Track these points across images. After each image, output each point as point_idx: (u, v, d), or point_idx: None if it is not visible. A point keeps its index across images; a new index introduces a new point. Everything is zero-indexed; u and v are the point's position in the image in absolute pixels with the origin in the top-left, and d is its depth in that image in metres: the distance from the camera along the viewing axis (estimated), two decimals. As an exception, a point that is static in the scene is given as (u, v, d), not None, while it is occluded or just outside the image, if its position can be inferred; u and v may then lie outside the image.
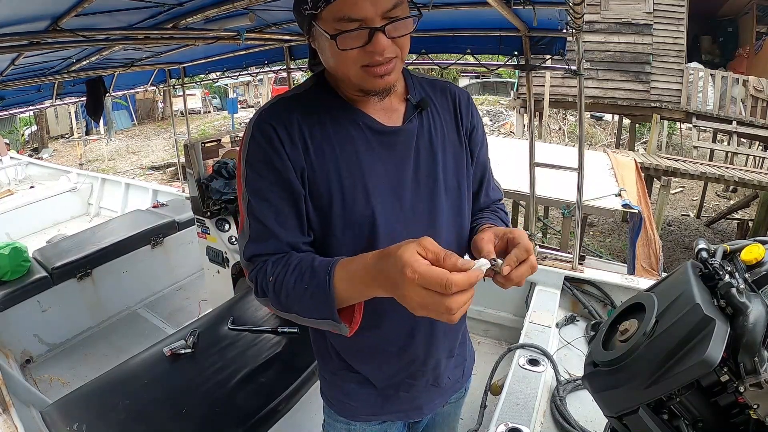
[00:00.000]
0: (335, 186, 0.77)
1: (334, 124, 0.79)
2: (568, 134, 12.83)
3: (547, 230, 7.30)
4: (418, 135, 0.83)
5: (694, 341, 0.64)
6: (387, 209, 0.80)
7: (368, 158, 0.79)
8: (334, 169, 0.78)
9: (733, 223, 8.40)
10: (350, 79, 0.74)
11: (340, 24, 0.67)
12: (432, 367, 0.93)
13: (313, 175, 0.77)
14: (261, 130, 0.76)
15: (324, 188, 0.78)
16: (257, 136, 0.76)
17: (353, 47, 0.68)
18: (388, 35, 0.68)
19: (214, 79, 11.39)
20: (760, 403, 0.61)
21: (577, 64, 2.16)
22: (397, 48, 0.71)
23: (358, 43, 0.68)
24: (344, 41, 0.67)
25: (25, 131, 14.99)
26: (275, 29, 2.69)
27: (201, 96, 17.99)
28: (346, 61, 0.71)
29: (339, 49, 0.68)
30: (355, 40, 0.68)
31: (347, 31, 0.67)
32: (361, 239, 0.80)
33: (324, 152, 0.77)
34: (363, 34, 0.67)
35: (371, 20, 0.67)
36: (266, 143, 0.75)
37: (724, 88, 7.58)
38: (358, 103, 0.81)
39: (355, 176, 0.78)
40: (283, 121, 0.76)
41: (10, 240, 3.58)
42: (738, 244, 0.77)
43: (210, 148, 2.93)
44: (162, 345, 1.97)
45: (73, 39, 1.79)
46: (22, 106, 4.04)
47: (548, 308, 2.24)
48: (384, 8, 0.66)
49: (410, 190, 0.82)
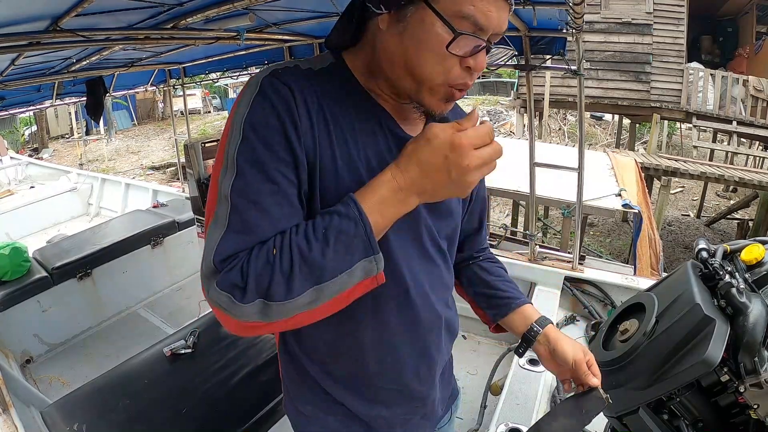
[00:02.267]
0: (354, 187, 0.62)
1: (359, 114, 0.66)
2: (568, 134, 12.82)
3: (547, 230, 7.30)
4: None
5: (694, 341, 0.64)
6: (398, 237, 0.70)
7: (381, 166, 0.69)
8: (355, 168, 0.64)
9: (733, 223, 8.40)
10: (420, 87, 0.62)
11: (459, 22, 0.56)
12: (431, 401, 0.88)
13: (331, 165, 0.63)
14: (275, 88, 0.60)
15: (341, 186, 0.63)
16: (269, 94, 0.60)
17: (458, 54, 0.58)
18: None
19: (214, 79, 11.40)
20: (760, 403, 0.61)
21: (577, 64, 2.16)
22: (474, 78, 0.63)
23: (464, 51, 0.58)
24: (463, 44, 0.57)
25: (25, 131, 14.99)
26: (275, 29, 2.69)
27: (201, 96, 17.99)
28: (437, 67, 0.59)
29: (447, 49, 0.57)
30: (467, 47, 0.58)
31: (471, 35, 0.57)
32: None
33: (347, 143, 0.64)
34: (471, 44, 0.58)
35: (486, 33, 0.58)
36: (282, 105, 0.59)
37: (724, 88, 7.58)
38: (380, 100, 0.69)
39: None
40: (302, 88, 0.62)
41: (10, 240, 3.57)
42: (738, 244, 0.77)
43: (210, 148, 2.93)
44: (162, 345, 1.96)
45: (73, 39, 1.79)
46: (22, 106, 4.04)
47: (548, 308, 2.24)
48: (501, 28, 0.59)
49: (425, 216, 0.74)
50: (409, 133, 0.70)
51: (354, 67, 0.69)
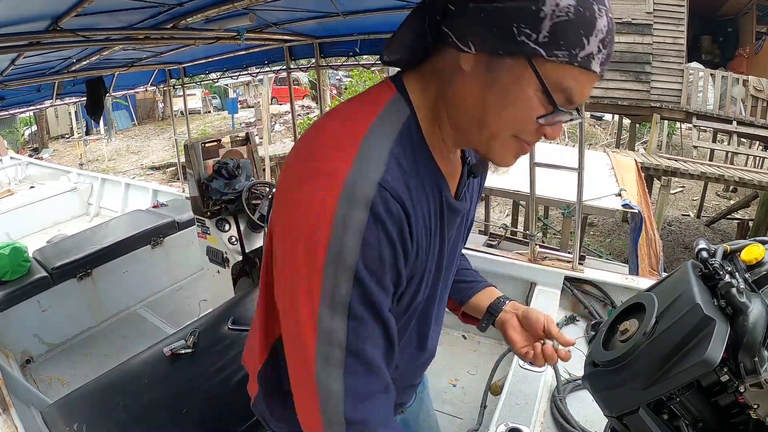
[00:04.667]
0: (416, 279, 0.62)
1: (429, 194, 0.60)
2: (568, 134, 12.82)
3: (547, 230, 7.31)
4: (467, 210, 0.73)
5: (694, 341, 0.64)
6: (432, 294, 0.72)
7: (444, 242, 0.67)
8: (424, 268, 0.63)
9: (733, 223, 8.41)
10: (489, 141, 0.57)
11: (557, 93, 0.52)
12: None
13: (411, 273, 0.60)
14: (388, 208, 0.50)
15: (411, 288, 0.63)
16: (383, 218, 0.50)
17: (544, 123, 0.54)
18: None
19: (214, 79, 11.41)
20: (760, 403, 0.61)
21: (577, 64, 2.16)
22: None
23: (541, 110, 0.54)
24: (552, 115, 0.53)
25: (25, 131, 15.00)
26: (275, 29, 2.69)
27: (201, 96, 18.01)
28: (514, 125, 0.55)
29: (540, 117, 0.53)
30: (553, 118, 0.54)
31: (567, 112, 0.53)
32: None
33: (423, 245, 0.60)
34: (559, 117, 0.54)
35: (573, 107, 0.55)
36: (395, 231, 0.52)
37: (724, 88, 7.58)
38: (437, 154, 0.62)
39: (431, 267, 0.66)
40: (408, 192, 0.54)
41: (10, 240, 3.57)
42: (738, 244, 0.77)
43: (210, 148, 2.93)
44: (162, 345, 1.96)
45: (73, 39, 1.80)
46: (22, 106, 4.05)
47: (548, 308, 2.23)
48: (581, 102, 0.57)
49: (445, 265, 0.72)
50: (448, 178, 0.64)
51: (418, 106, 0.59)
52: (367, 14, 2.32)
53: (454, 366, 2.50)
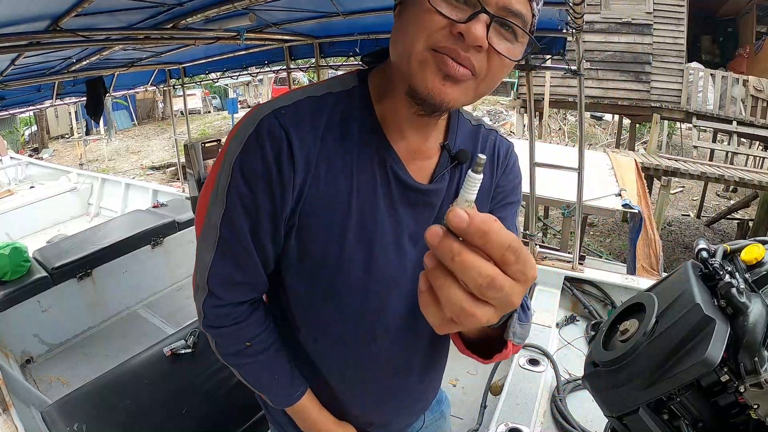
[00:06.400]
0: (335, 239, 0.64)
1: (360, 156, 0.63)
2: (568, 134, 12.82)
3: (547, 230, 7.30)
4: (445, 197, 0.69)
5: (694, 341, 0.64)
6: (379, 273, 0.68)
7: (384, 216, 0.66)
8: (341, 219, 0.63)
9: (733, 223, 8.40)
10: (409, 60, 0.54)
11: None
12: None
13: (313, 214, 0.62)
14: (271, 132, 0.59)
15: (319, 223, 0.63)
16: (263, 138, 0.59)
17: (443, 13, 0.51)
18: (489, 36, 0.52)
19: (214, 79, 11.41)
20: (760, 403, 0.61)
21: (577, 64, 2.16)
22: (485, 63, 0.54)
23: (451, 13, 0.51)
24: (444, 3, 0.51)
25: (25, 131, 14.99)
26: (275, 29, 2.69)
27: (201, 96, 17.99)
28: (419, 30, 0.53)
29: (427, 4, 0.51)
30: (455, 10, 0.51)
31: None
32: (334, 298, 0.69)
33: (337, 182, 0.62)
34: (468, 10, 0.51)
35: (487, 3, 0.51)
36: (272, 152, 0.59)
37: (724, 88, 7.58)
38: (392, 131, 0.64)
39: (364, 237, 0.65)
40: (302, 131, 0.60)
41: (10, 240, 3.58)
42: (738, 244, 0.77)
43: (210, 148, 2.93)
44: (162, 345, 1.96)
45: (73, 39, 1.80)
46: (22, 106, 4.05)
47: (548, 308, 2.24)
48: (508, 3, 0.52)
49: (416, 255, 0.69)
50: (414, 174, 0.66)
51: (373, 86, 0.65)
52: (367, 14, 2.32)
53: (454, 366, 2.50)
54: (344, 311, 0.69)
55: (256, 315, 0.72)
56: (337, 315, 0.70)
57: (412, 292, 0.70)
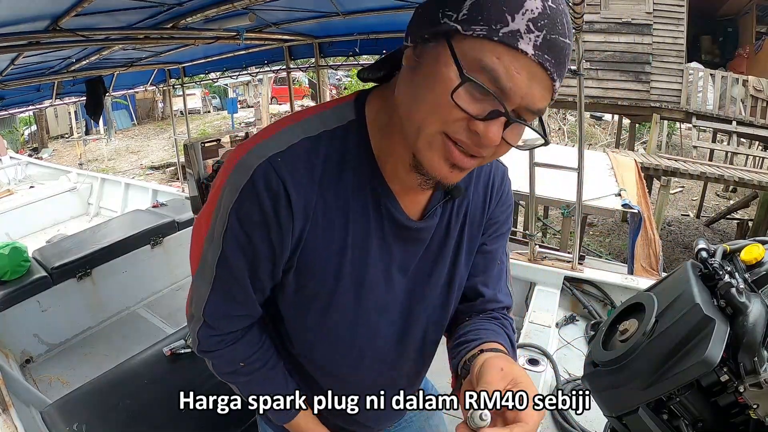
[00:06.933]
0: (330, 276, 0.65)
1: (356, 199, 0.62)
2: (568, 134, 12.83)
3: (547, 230, 7.31)
4: (435, 229, 0.69)
5: (693, 341, 0.64)
6: (369, 303, 0.69)
7: (376, 253, 0.66)
8: (337, 259, 0.64)
9: (732, 223, 8.41)
10: (418, 136, 0.53)
11: (478, 73, 0.47)
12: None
13: (311, 256, 0.63)
14: (267, 183, 0.56)
15: (317, 278, 0.65)
16: (260, 189, 0.56)
17: (464, 108, 0.48)
18: (504, 134, 0.51)
19: (213, 79, 11.41)
20: (759, 403, 0.61)
21: (577, 64, 2.16)
22: (494, 153, 0.54)
23: (473, 109, 0.48)
24: (466, 95, 0.48)
25: (25, 131, 14.99)
26: (275, 29, 2.69)
27: (201, 96, 18.00)
28: (434, 112, 0.50)
29: (450, 96, 0.47)
30: (475, 103, 0.48)
31: (482, 86, 0.47)
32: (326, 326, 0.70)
33: (333, 234, 0.62)
34: (488, 107, 0.48)
35: (510, 101, 0.48)
36: (270, 205, 0.57)
37: (724, 88, 7.58)
38: (389, 168, 0.62)
39: (356, 273, 0.65)
40: (299, 178, 0.58)
41: (9, 240, 3.57)
42: (738, 244, 0.77)
43: (210, 148, 2.93)
44: (162, 345, 1.96)
45: (72, 39, 1.80)
46: (21, 105, 4.05)
47: (548, 308, 2.24)
48: (533, 103, 0.49)
49: (403, 284, 0.70)
50: (407, 209, 0.65)
51: (373, 122, 0.61)
52: (367, 14, 2.32)
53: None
54: (335, 339, 0.72)
55: (249, 335, 0.73)
56: (327, 341, 0.72)
57: (399, 317, 0.73)
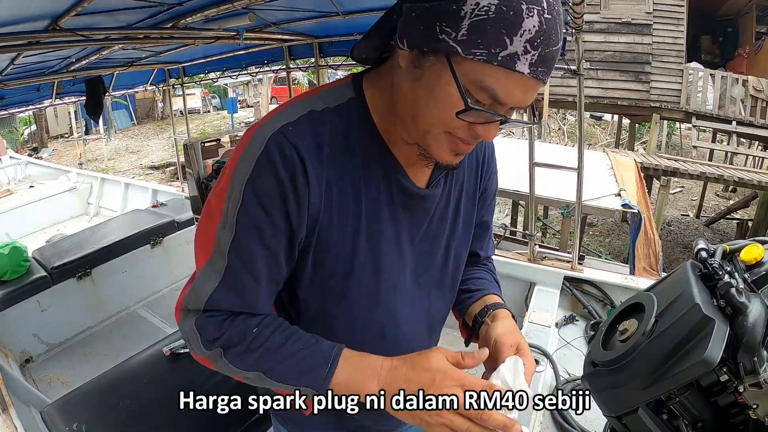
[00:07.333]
0: (347, 252, 0.65)
1: (366, 170, 0.64)
2: (567, 134, 12.83)
3: (547, 230, 7.31)
4: (439, 198, 0.73)
5: (693, 341, 0.64)
6: (385, 276, 0.70)
7: (387, 224, 0.67)
8: (352, 234, 0.65)
9: (732, 223, 8.41)
10: (424, 136, 0.59)
11: (477, 92, 0.52)
12: None
13: (328, 234, 0.63)
14: (282, 151, 0.57)
15: (334, 257, 0.65)
16: (275, 158, 0.57)
17: (471, 122, 0.55)
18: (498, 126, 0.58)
19: (213, 79, 11.41)
20: (759, 403, 0.61)
21: (576, 64, 2.17)
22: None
23: (475, 121, 0.55)
24: (476, 114, 0.53)
25: (25, 131, 14.99)
26: (275, 29, 2.69)
27: (201, 96, 17.99)
28: (441, 119, 0.55)
29: (457, 114, 0.53)
30: (479, 117, 0.54)
31: (485, 110, 0.53)
32: (346, 304, 0.70)
33: (348, 208, 0.63)
34: (487, 116, 0.55)
35: (505, 108, 0.54)
36: (286, 172, 0.57)
37: (724, 88, 7.58)
38: (393, 140, 0.65)
39: (371, 246, 0.67)
40: (311, 147, 0.59)
41: (9, 240, 3.57)
42: (737, 244, 0.77)
43: (210, 148, 2.93)
44: (162, 345, 1.96)
45: (72, 39, 1.80)
46: (21, 105, 4.05)
47: (548, 308, 2.24)
48: (525, 103, 0.54)
49: (411, 254, 0.72)
50: (414, 179, 0.68)
51: (372, 102, 0.64)
52: (366, 14, 2.32)
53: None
54: (355, 315, 0.71)
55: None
56: (348, 318, 0.71)
57: (409, 292, 0.75)
